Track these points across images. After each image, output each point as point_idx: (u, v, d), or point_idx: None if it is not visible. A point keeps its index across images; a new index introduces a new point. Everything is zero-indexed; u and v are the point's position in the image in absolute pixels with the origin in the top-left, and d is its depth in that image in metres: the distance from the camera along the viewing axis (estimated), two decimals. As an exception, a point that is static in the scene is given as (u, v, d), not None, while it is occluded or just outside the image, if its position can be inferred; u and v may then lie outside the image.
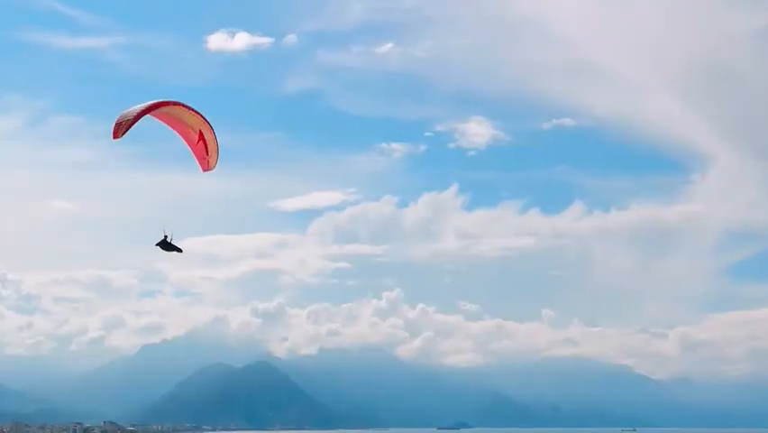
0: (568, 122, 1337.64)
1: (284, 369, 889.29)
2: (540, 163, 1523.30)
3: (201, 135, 49.34)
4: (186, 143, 50.05)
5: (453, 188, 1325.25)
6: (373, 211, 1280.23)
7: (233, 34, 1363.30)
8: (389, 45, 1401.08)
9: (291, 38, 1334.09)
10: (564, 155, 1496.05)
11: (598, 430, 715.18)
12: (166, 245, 53.41)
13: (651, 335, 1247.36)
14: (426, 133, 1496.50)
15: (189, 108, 48.27)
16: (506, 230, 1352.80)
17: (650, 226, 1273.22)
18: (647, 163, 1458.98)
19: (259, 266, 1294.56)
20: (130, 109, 45.82)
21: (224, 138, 51.44)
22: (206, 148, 50.06)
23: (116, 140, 45.56)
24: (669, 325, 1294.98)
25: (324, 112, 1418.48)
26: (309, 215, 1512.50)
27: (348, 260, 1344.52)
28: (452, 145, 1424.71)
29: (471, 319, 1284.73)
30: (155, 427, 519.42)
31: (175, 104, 47.76)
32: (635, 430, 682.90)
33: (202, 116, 48.74)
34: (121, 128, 45.11)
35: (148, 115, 45.89)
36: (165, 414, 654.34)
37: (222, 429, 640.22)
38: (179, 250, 53.89)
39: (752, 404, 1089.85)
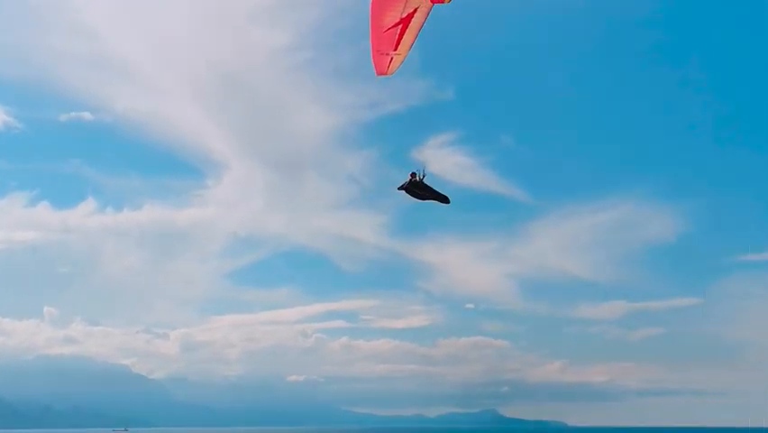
0: (86, 116, 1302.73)
1: None
2: (54, 156, 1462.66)
3: (407, 18, 35.45)
4: (371, 19, 35.34)
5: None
6: None
7: None
8: None
9: None
10: (80, 149, 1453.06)
11: (90, 431, 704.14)
12: (422, 189, 37.86)
13: (153, 335, 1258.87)
14: None
15: None
16: (11, 222, 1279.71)
17: (162, 228, 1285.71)
18: (164, 165, 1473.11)
19: None
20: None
21: None
22: (400, 39, 36.21)
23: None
24: (172, 326, 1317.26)
25: None
26: None
27: None
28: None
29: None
30: None
31: None
32: (126, 430, 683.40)
33: None
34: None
35: None
36: None
37: None
38: (445, 199, 38.86)
39: (242, 403, 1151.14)
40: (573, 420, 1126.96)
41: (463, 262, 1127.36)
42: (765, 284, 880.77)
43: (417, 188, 39.32)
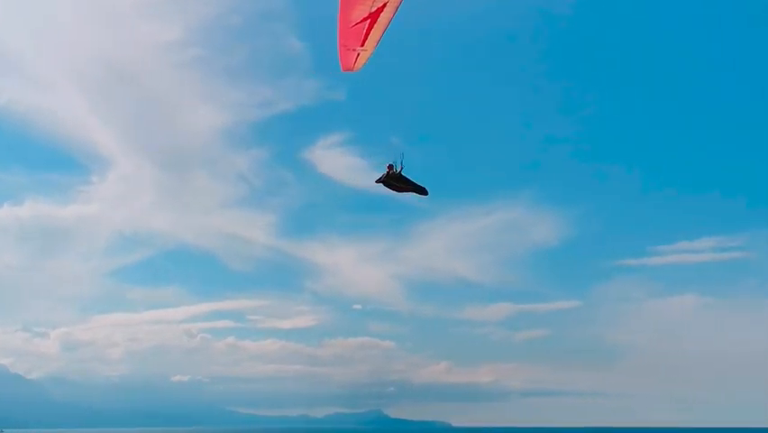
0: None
1: None
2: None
3: (376, 13, 35.09)
4: (339, 14, 35.23)
5: None
6: None
7: None
8: None
9: None
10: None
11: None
12: (400, 181, 37.99)
13: (33, 334, 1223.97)
14: None
15: None
16: None
17: (44, 224, 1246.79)
18: (48, 160, 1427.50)
19: None
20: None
21: None
22: (367, 35, 35.79)
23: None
24: (52, 324, 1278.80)
25: None
26: None
27: None
28: None
29: None
30: None
31: None
32: (2, 431, 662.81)
33: None
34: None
35: None
36: None
37: None
38: (423, 191, 39.40)
39: (125, 404, 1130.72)
40: (458, 421, 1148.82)
41: (352, 263, 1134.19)
42: (642, 288, 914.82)
43: (395, 181, 39.93)
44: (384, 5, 34.68)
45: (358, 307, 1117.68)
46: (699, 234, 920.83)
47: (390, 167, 39.83)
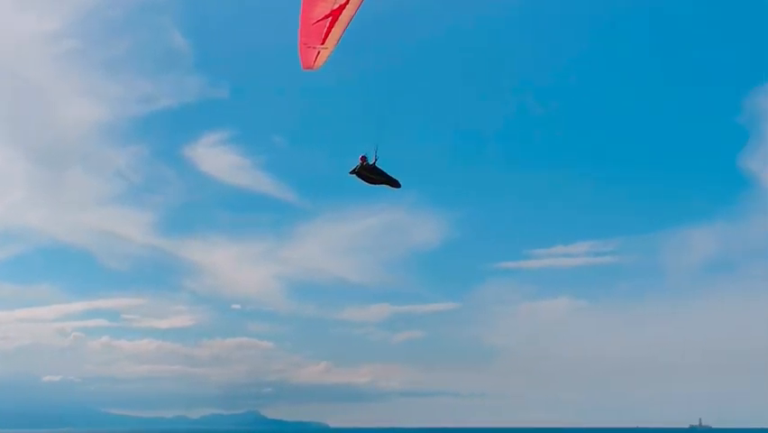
0: None
1: None
2: None
3: (338, 11, 34.43)
4: (301, 11, 34.94)
5: None
6: None
7: None
8: None
9: None
10: None
11: None
12: (373, 173, 37.85)
13: None
14: None
15: None
16: None
17: None
18: None
19: None
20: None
21: None
22: (328, 32, 35.39)
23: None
24: None
25: None
26: None
27: None
28: None
29: None
30: None
31: None
32: None
33: None
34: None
35: None
36: None
37: None
38: (396, 183, 38.80)
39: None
40: (335, 421, 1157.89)
41: (231, 263, 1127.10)
42: (518, 291, 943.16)
43: (367, 172, 39.30)
44: (346, 3, 34.13)
45: (237, 307, 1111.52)
46: (575, 239, 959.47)
47: (364, 158, 38.89)
